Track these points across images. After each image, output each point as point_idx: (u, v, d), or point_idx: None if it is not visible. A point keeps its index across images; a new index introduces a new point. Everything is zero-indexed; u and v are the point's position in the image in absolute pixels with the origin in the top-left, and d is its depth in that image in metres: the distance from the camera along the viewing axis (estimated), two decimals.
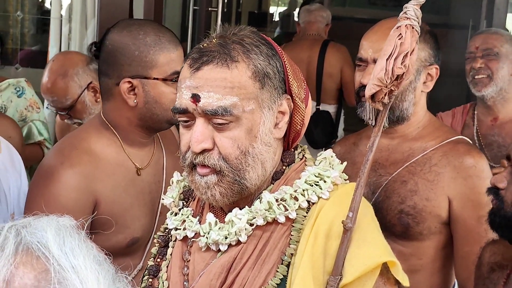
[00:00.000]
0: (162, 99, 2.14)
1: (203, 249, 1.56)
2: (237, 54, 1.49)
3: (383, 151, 2.37)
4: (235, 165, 1.48)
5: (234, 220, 1.52)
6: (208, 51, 1.49)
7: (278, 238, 1.51)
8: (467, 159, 2.24)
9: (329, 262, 1.46)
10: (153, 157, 2.31)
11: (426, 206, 2.24)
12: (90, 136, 2.21)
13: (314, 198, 1.53)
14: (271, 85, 1.52)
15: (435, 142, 2.32)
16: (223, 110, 1.45)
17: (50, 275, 0.95)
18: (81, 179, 2.09)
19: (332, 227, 1.48)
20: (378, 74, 1.45)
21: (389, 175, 2.32)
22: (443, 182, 2.25)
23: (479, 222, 2.18)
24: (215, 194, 1.50)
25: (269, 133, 1.52)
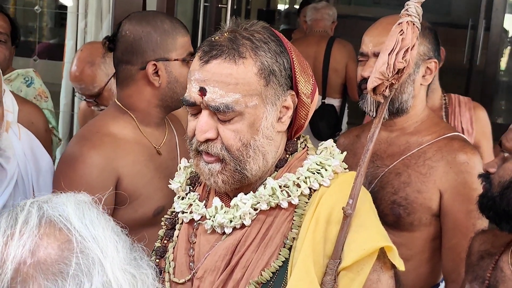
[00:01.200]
0: (181, 78, 2.30)
1: (208, 231, 1.58)
2: (245, 50, 1.48)
3: (382, 143, 2.38)
4: (236, 156, 1.50)
5: (239, 204, 1.54)
6: (218, 45, 1.49)
7: (281, 222, 1.53)
8: (460, 155, 2.25)
9: (329, 247, 1.48)
10: (166, 136, 2.45)
11: (417, 198, 2.26)
12: (107, 121, 2.34)
13: (315, 185, 1.55)
14: (276, 82, 1.52)
15: (431, 137, 2.32)
16: (225, 107, 1.46)
17: (73, 245, 0.97)
18: (103, 159, 2.20)
19: (332, 213, 1.50)
20: (380, 68, 1.47)
21: (386, 167, 2.33)
22: (435, 176, 2.26)
23: (468, 216, 2.19)
24: (218, 181, 1.53)
25: (271, 127, 1.53)
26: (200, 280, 1.55)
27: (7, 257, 0.93)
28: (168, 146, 2.45)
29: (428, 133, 2.33)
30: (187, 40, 2.34)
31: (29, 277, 0.92)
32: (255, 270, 1.50)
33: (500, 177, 1.84)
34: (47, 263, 0.94)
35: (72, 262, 0.95)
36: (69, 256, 0.96)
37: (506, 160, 1.86)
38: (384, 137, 2.38)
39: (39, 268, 0.93)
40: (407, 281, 2.32)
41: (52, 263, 0.94)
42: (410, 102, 2.27)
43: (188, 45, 2.33)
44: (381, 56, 1.48)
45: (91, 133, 2.30)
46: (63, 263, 0.95)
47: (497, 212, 1.85)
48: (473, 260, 2.00)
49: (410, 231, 2.30)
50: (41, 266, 0.93)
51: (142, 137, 2.36)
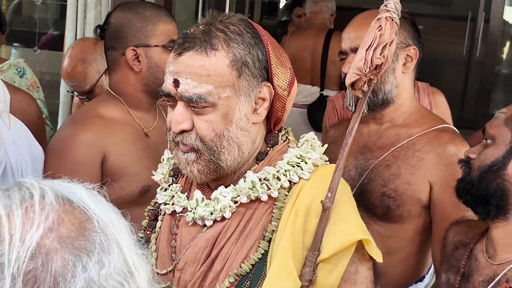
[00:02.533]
0: (162, 64, 2.31)
1: (190, 223, 1.57)
2: (217, 42, 1.48)
3: (372, 135, 2.35)
4: (210, 146, 1.50)
5: (219, 197, 1.53)
6: (192, 37, 1.49)
7: (260, 215, 1.52)
8: (449, 147, 2.21)
9: (308, 239, 1.47)
10: (157, 121, 2.48)
11: (407, 190, 2.22)
12: (97, 105, 2.40)
13: (295, 179, 1.53)
14: (249, 74, 1.50)
15: (421, 129, 2.29)
16: (198, 97, 1.46)
17: (94, 224, 0.95)
18: (91, 136, 2.25)
19: (311, 205, 1.49)
20: (358, 64, 1.46)
21: (376, 159, 2.29)
22: (424, 168, 2.22)
23: (456, 208, 2.14)
24: (193, 170, 1.52)
25: (245, 118, 1.51)
26: (181, 271, 1.55)
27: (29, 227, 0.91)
28: (159, 131, 2.47)
29: (417, 125, 2.30)
30: (170, 28, 2.35)
31: (52, 249, 0.90)
32: (234, 262, 1.50)
33: (480, 162, 1.83)
34: (71, 238, 0.92)
35: (95, 241, 0.94)
36: (92, 234, 0.94)
37: (487, 146, 1.84)
38: (374, 129, 2.35)
39: (62, 242, 0.91)
40: (394, 273, 2.31)
41: (75, 238, 0.92)
42: (394, 92, 2.23)
43: (171, 32, 2.35)
44: (359, 51, 1.47)
45: (82, 115, 2.36)
46: (87, 240, 0.93)
47: (474, 195, 1.83)
48: (448, 251, 1.99)
49: (399, 223, 2.26)
50: (65, 240, 0.91)
51: (132, 119, 2.39)
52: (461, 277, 1.88)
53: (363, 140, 2.36)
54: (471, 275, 1.86)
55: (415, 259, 2.35)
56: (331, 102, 3.06)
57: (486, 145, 1.85)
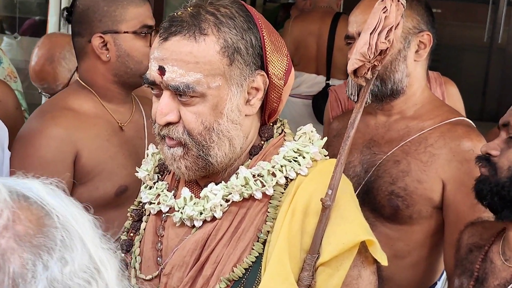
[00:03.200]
0: (133, 52, 2.25)
1: (177, 224, 1.54)
2: (207, 26, 1.44)
3: (380, 128, 2.32)
4: (198, 140, 1.47)
5: (209, 195, 1.51)
6: (179, 21, 1.45)
7: (254, 214, 1.49)
8: (464, 142, 2.18)
9: (306, 240, 1.45)
10: (133, 115, 2.42)
11: (417, 188, 2.18)
12: (67, 96, 2.32)
13: (292, 175, 1.51)
14: (241, 62, 1.47)
15: (434, 121, 2.25)
16: (185, 86, 1.43)
17: (53, 220, 0.95)
18: (62, 130, 2.18)
19: (310, 204, 1.47)
20: (361, 49, 1.43)
21: (384, 154, 2.26)
22: (437, 164, 2.18)
23: (472, 209, 2.11)
24: (181, 166, 1.49)
25: (237, 110, 1.48)
26: (168, 276, 1.52)
27: None
28: (135, 125, 2.42)
29: (429, 117, 2.26)
30: (142, 11, 2.27)
31: (8, 249, 0.89)
32: (226, 266, 1.47)
33: (510, 162, 1.78)
34: (28, 235, 0.91)
35: (56, 238, 0.93)
36: (51, 230, 0.93)
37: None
38: (382, 121, 2.31)
39: (19, 240, 0.90)
40: (403, 280, 2.29)
41: (33, 236, 0.91)
42: (405, 82, 2.21)
43: (143, 16, 2.28)
44: (362, 36, 1.44)
45: (51, 106, 2.29)
46: (46, 236, 0.92)
47: (504, 198, 1.79)
48: (462, 254, 1.97)
49: (408, 225, 2.23)
50: (22, 238, 0.90)
51: (105, 112, 2.33)
52: (475, 281, 1.86)
53: (370, 133, 2.33)
54: (486, 278, 1.84)
55: (426, 264, 2.32)
56: (333, 93, 3.04)
57: (509, 140, 1.81)
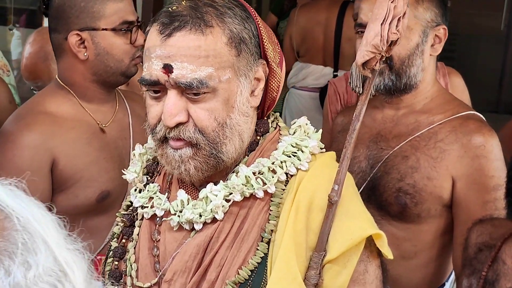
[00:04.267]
0: (113, 50, 2.19)
1: (175, 228, 1.51)
2: (210, 18, 1.42)
3: (387, 122, 2.27)
4: (212, 138, 1.44)
5: (210, 196, 1.48)
6: (179, 15, 1.41)
7: (256, 214, 1.47)
8: (476, 137, 2.13)
9: (311, 238, 1.44)
10: (116, 113, 2.35)
11: (427, 186, 2.14)
12: (44, 98, 2.26)
13: (292, 170, 1.49)
14: (247, 51, 1.46)
15: (444, 115, 2.20)
16: (199, 82, 1.39)
17: (13, 222, 0.93)
18: (36, 137, 2.12)
19: (313, 200, 1.46)
20: (372, 40, 1.42)
21: (391, 149, 2.21)
22: (447, 161, 2.14)
23: (483, 207, 2.08)
24: (190, 168, 1.45)
25: (247, 102, 1.47)
26: (169, 283, 1.49)
27: None
28: (118, 125, 2.36)
29: (440, 111, 2.21)
30: (122, 6, 2.20)
31: None
32: (231, 269, 1.45)
33: None
34: None
35: (17, 241, 0.91)
36: (12, 233, 0.92)
37: None
38: (389, 115, 2.27)
39: None
40: (410, 281, 2.25)
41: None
42: (419, 76, 2.16)
43: (123, 12, 2.20)
44: (371, 27, 1.43)
45: (25, 111, 2.23)
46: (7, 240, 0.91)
47: None
48: (470, 253, 1.92)
49: (416, 224, 2.18)
50: None
51: (84, 113, 2.27)
52: (485, 282, 1.82)
53: (376, 128, 2.29)
54: (498, 280, 1.79)
55: (435, 266, 2.27)
56: (332, 86, 3.03)
57: None
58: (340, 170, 1.44)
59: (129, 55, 2.22)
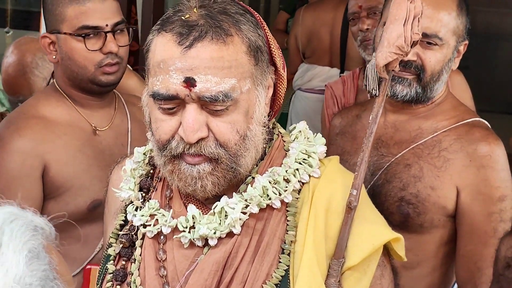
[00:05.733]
0: (74, 55, 2.16)
1: (185, 246, 1.46)
2: (228, 26, 1.38)
3: (389, 127, 2.23)
4: (233, 152, 1.40)
5: (227, 210, 1.43)
6: (196, 24, 1.36)
7: (275, 225, 1.45)
8: (482, 146, 2.10)
9: (330, 245, 1.44)
10: (113, 119, 2.33)
11: (430, 196, 2.10)
12: (38, 101, 2.26)
13: (306, 178, 1.49)
14: (263, 59, 1.44)
15: (449, 122, 2.17)
16: (224, 95, 1.35)
17: None
18: (27, 142, 2.11)
19: (329, 207, 1.46)
20: (396, 42, 1.40)
21: (392, 156, 2.18)
22: (452, 170, 2.10)
23: (488, 219, 2.05)
24: (207, 184, 1.41)
25: (264, 111, 1.45)
26: None
27: None
28: (115, 131, 2.33)
29: (444, 117, 2.18)
30: (84, 10, 2.15)
31: None
32: (255, 284, 1.42)
33: None
34: None
35: None
36: None
37: None
38: (391, 120, 2.23)
39: None
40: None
41: None
42: (440, 89, 2.15)
43: (85, 17, 2.16)
44: (391, 28, 1.41)
45: (18, 115, 2.22)
46: None
47: None
48: (499, 268, 1.82)
49: (418, 234, 2.15)
50: None
51: (79, 118, 2.25)
52: None
53: (377, 132, 2.19)
54: None
55: (438, 275, 2.24)
56: (329, 89, 3.03)
57: None
58: (357, 175, 1.43)
59: (93, 62, 2.18)
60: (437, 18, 2.05)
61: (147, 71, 1.45)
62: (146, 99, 1.47)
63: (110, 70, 2.20)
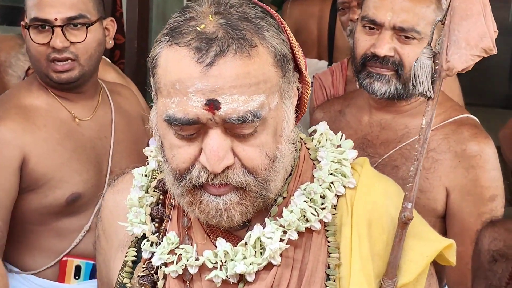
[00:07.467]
0: (29, 47, 2.18)
1: (218, 284, 1.31)
2: (250, 35, 1.20)
3: (374, 126, 2.19)
4: (263, 177, 1.24)
5: (264, 241, 1.29)
6: (216, 36, 1.18)
7: (316, 249, 1.33)
8: (471, 146, 2.07)
9: (377, 264, 1.33)
10: (97, 110, 2.31)
11: (420, 199, 2.04)
12: (19, 90, 2.24)
13: (341, 190, 1.36)
14: (289, 68, 1.27)
15: (436, 120, 2.08)
16: (253, 115, 1.18)
17: None
18: (7, 132, 2.09)
19: (371, 221, 1.34)
20: (481, 43, 1.25)
21: (379, 157, 2.14)
22: (441, 171, 2.07)
23: (478, 219, 2.05)
24: (235, 215, 1.25)
25: (292, 127, 1.30)
26: None
27: None
28: (98, 123, 2.30)
29: None
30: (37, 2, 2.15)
31: None
32: None
33: None
34: None
35: None
36: None
37: None
38: (376, 118, 2.19)
39: None
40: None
41: None
42: None
43: (36, 9, 2.15)
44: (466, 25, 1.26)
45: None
46: None
47: None
48: (484, 262, 1.84)
49: None
50: None
51: (60, 108, 2.23)
52: None
53: (362, 131, 2.21)
54: None
55: None
56: (318, 80, 2.97)
57: None
58: (412, 186, 1.32)
59: (43, 56, 2.15)
60: (414, 11, 1.99)
61: (155, 88, 1.26)
62: (155, 120, 1.29)
63: (59, 68, 2.15)
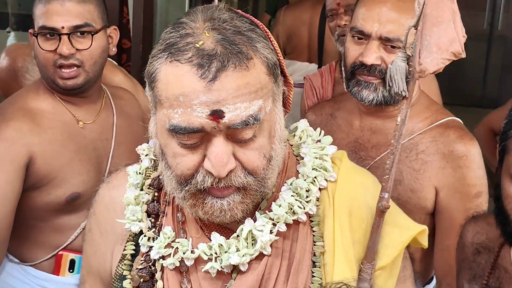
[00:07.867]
0: (37, 54, 2.23)
1: (213, 275, 1.39)
2: (246, 49, 1.28)
3: (365, 130, 2.23)
4: (261, 177, 1.33)
5: (256, 233, 1.37)
6: (216, 53, 1.25)
7: (303, 239, 1.41)
8: (457, 147, 2.12)
9: (358, 250, 1.40)
10: (100, 113, 2.36)
11: (411, 198, 2.12)
12: (27, 93, 2.30)
13: (323, 183, 1.44)
14: (278, 73, 1.35)
15: (423, 124, 2.17)
16: (254, 119, 1.27)
17: None
18: (14, 131, 2.14)
19: (352, 211, 1.42)
20: (451, 48, 1.29)
21: (371, 160, 2.18)
22: (429, 172, 2.12)
23: (465, 214, 2.08)
24: (237, 214, 1.33)
25: (283, 128, 1.39)
26: None
27: None
28: (100, 126, 2.35)
29: (419, 119, 2.18)
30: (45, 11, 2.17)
31: None
32: None
33: None
34: None
35: None
36: None
37: None
38: (367, 122, 2.22)
39: None
40: None
41: None
42: None
43: (44, 18, 2.20)
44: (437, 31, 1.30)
45: (7, 106, 2.25)
46: None
47: None
48: (468, 255, 1.87)
49: None
50: None
51: (65, 112, 2.28)
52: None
53: (354, 134, 2.25)
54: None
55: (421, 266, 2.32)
56: (308, 81, 2.99)
57: None
58: (388, 178, 1.36)
59: (50, 62, 2.20)
60: (400, 22, 2.02)
61: (154, 101, 1.33)
62: (155, 130, 1.36)
63: (66, 75, 2.20)
